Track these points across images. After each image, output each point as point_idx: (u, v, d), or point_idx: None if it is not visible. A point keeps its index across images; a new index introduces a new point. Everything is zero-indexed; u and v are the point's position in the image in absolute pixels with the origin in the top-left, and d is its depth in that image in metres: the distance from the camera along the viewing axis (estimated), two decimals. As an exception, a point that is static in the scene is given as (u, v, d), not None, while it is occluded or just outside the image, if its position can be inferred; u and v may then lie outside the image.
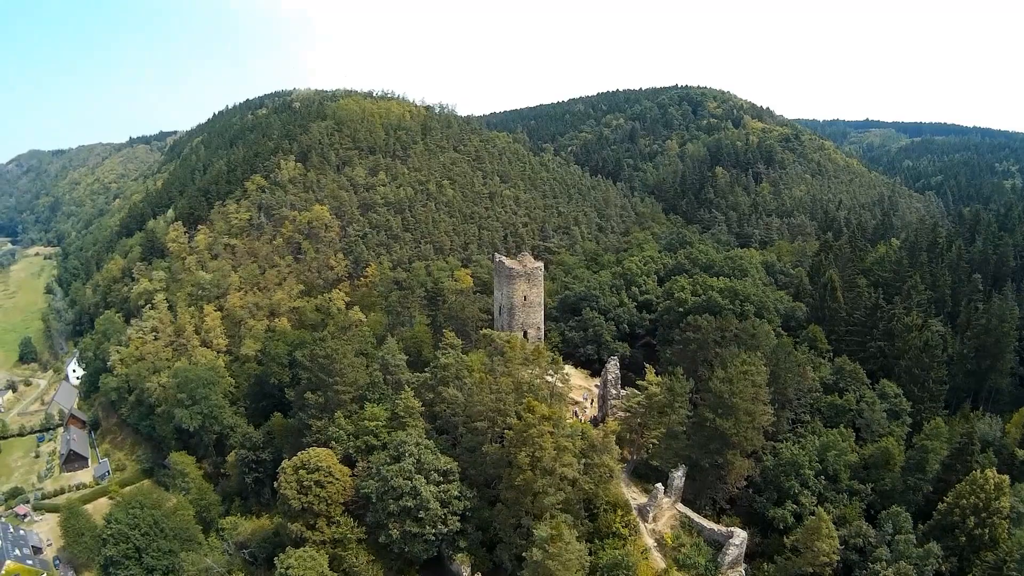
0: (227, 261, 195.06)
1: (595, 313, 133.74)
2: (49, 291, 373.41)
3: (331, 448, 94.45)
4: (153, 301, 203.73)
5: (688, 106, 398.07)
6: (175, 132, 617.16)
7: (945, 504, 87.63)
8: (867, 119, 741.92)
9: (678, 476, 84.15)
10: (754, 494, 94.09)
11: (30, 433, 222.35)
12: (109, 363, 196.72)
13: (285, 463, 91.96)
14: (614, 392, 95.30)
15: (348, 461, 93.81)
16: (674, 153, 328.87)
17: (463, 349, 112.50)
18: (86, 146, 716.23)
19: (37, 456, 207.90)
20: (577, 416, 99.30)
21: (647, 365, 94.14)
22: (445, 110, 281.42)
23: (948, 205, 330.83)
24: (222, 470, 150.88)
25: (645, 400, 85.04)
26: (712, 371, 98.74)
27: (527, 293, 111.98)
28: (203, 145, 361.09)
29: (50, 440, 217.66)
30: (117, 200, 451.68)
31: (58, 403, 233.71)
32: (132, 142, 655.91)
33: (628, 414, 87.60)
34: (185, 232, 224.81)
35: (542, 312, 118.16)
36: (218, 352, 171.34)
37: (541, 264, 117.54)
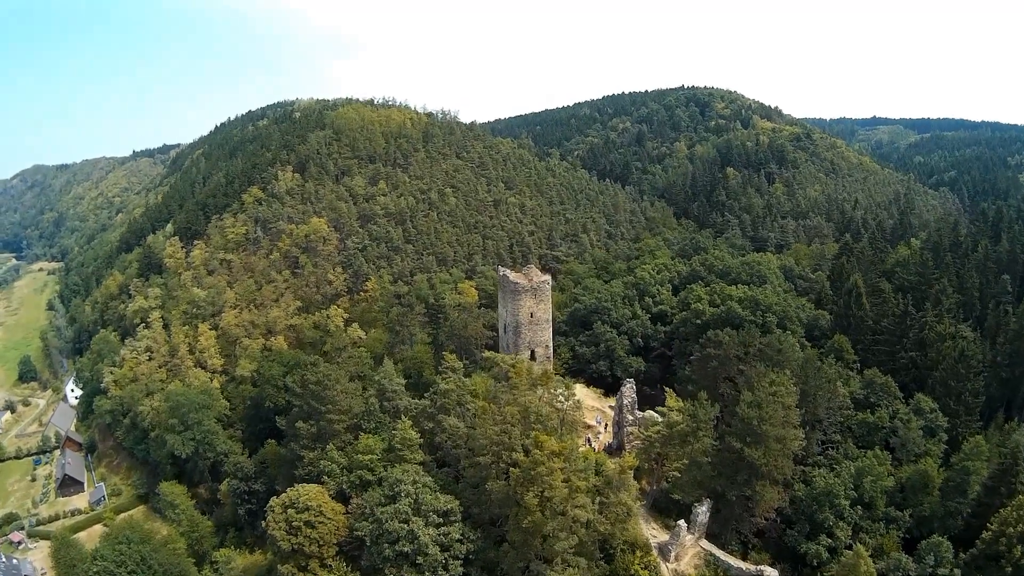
0: (223, 277, 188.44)
1: (607, 327, 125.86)
2: (51, 308, 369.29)
3: (323, 483, 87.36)
4: (148, 319, 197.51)
5: (695, 107, 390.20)
6: (178, 145, 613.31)
7: (990, 532, 79.54)
8: (874, 116, 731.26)
9: (702, 511, 76.31)
10: (784, 526, 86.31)
11: (27, 456, 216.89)
12: (103, 384, 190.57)
13: (273, 501, 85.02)
14: (631, 418, 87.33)
15: (342, 496, 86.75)
16: (683, 155, 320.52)
17: (467, 370, 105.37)
18: (90, 160, 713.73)
19: (34, 480, 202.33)
20: (590, 444, 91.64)
21: (667, 389, 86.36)
22: (447, 116, 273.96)
23: (964, 201, 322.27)
24: (218, 496, 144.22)
25: (665, 429, 77.18)
26: (735, 389, 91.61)
27: (534, 309, 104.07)
28: (204, 157, 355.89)
29: (47, 463, 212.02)
30: (120, 215, 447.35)
31: (55, 425, 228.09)
32: (136, 155, 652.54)
33: (647, 443, 79.54)
34: (182, 247, 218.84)
35: (550, 329, 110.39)
36: (213, 372, 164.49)
37: (548, 278, 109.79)
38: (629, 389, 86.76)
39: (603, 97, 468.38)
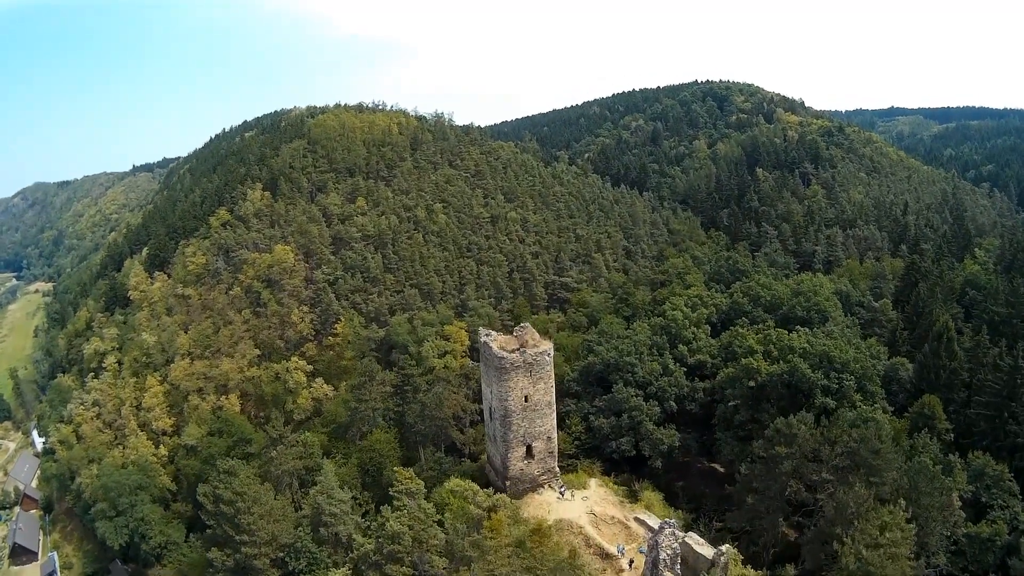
0: (180, 317, 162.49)
1: (631, 390, 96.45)
2: (37, 335, 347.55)
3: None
4: (104, 364, 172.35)
5: (713, 102, 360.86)
6: (177, 158, 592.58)
7: None
8: (892, 107, 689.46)
9: None
10: None
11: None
12: (48, 443, 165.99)
13: None
14: (669, 576, 59.60)
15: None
16: (704, 155, 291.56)
17: (441, 466, 78.90)
18: (91, 176, 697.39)
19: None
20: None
21: (731, 547, 58.57)
22: (440, 118, 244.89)
23: (1012, 199, 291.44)
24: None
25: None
26: (809, 490, 65.00)
27: (529, 391, 75.82)
28: (189, 173, 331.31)
29: (6, 521, 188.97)
30: (113, 233, 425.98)
31: (14, 478, 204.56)
32: (135, 170, 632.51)
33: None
34: (148, 278, 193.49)
35: (553, 414, 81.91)
36: (160, 435, 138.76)
37: (549, 346, 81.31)
38: (668, 539, 57.28)
39: (613, 95, 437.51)
